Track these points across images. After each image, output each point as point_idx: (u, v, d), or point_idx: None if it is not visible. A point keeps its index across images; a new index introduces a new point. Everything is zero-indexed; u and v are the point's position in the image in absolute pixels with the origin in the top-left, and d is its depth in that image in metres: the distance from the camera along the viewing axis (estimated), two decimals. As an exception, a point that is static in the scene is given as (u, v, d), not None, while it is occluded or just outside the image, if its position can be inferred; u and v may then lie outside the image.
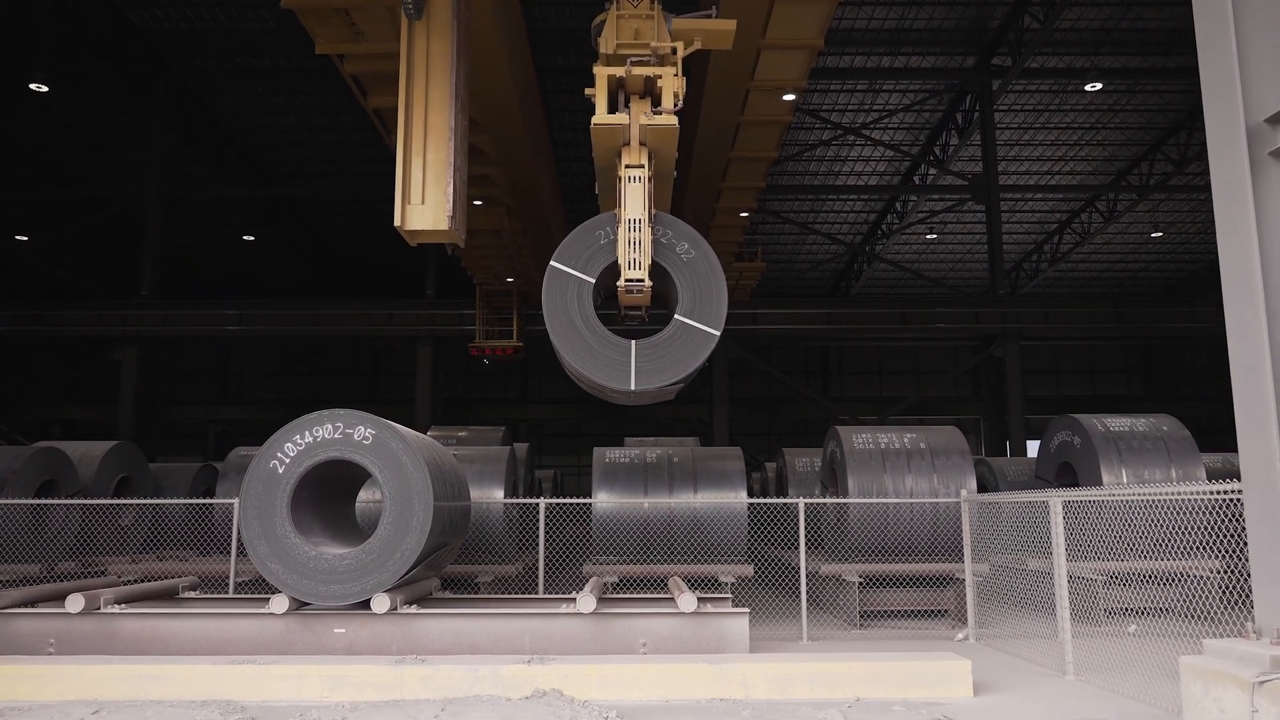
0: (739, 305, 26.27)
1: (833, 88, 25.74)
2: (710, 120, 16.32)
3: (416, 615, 8.39)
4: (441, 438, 15.48)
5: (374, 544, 8.27)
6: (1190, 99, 26.18)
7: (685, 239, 9.97)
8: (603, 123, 9.38)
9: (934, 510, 11.53)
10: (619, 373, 9.51)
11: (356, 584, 8.23)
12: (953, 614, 11.91)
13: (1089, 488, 9.38)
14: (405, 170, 9.21)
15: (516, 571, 11.92)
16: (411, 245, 9.85)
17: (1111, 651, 9.49)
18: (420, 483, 8.32)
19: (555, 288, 9.69)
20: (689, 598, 8.34)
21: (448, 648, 8.37)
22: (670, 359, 9.59)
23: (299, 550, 8.23)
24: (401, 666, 7.65)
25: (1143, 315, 26.37)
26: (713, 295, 9.76)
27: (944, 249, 34.93)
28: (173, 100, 24.76)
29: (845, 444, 11.95)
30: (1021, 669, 8.83)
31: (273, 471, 8.32)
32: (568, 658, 7.90)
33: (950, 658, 7.81)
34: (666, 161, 10.19)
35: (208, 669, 7.62)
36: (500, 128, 16.45)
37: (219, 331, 25.80)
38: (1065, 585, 8.51)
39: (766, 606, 12.77)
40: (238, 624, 8.41)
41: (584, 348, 9.52)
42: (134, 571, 12.53)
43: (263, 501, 8.28)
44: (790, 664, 7.64)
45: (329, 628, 8.37)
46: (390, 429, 8.41)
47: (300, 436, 8.35)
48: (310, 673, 7.63)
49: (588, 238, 9.89)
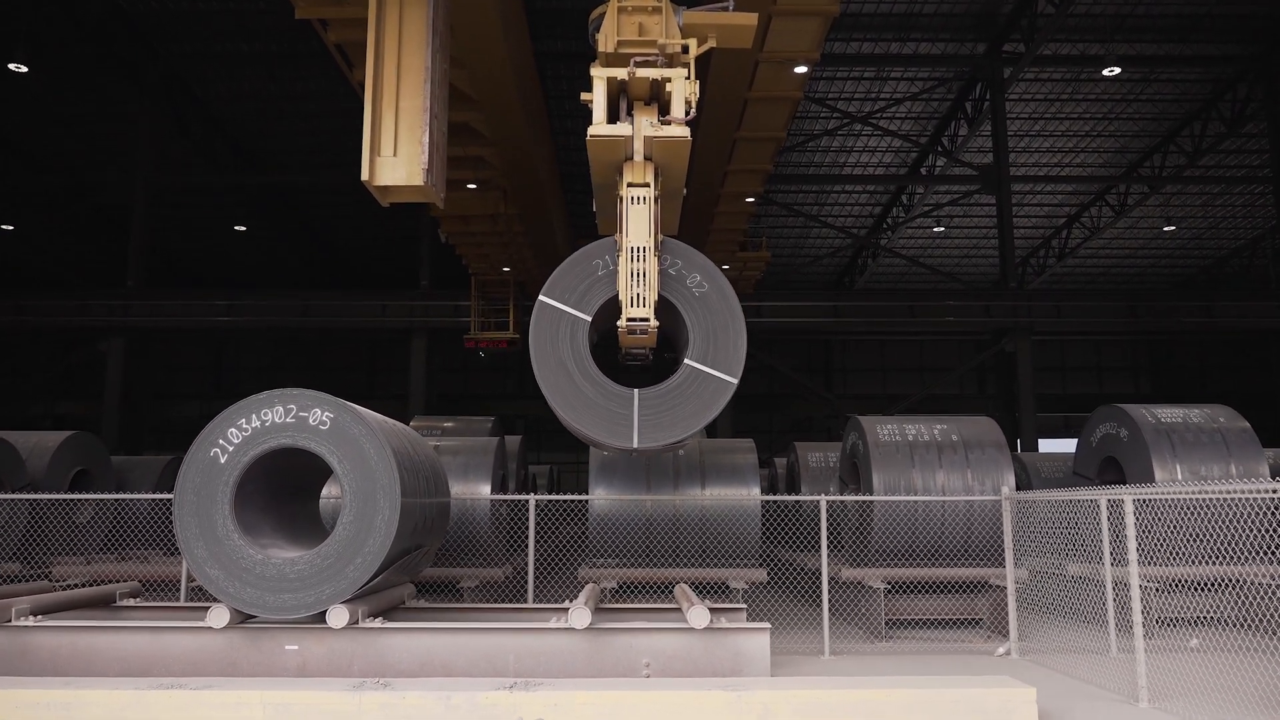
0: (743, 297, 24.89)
1: (839, 75, 24.45)
2: (715, 97, 14.94)
3: (381, 630, 7.02)
4: (425, 428, 14.11)
5: (331, 546, 6.89)
6: (1207, 88, 24.86)
7: (697, 270, 8.35)
8: (601, 134, 7.75)
9: (968, 509, 10.16)
10: (619, 428, 7.94)
11: (310, 593, 6.86)
12: (987, 624, 10.54)
13: (1145, 484, 8.08)
14: (374, 118, 7.83)
15: (504, 576, 10.53)
16: (384, 205, 8.47)
17: (1179, 671, 8.12)
18: (386, 475, 6.94)
19: (545, 326, 8.09)
20: (700, 610, 6.96)
21: (418, 668, 7.00)
22: (679, 412, 8.03)
23: (243, 554, 6.86)
24: (360, 693, 6.27)
25: (1158, 309, 25.05)
26: (729, 336, 8.17)
27: (950, 243, 33.60)
28: (160, 85, 23.43)
29: (869, 436, 10.57)
30: (1084, 694, 7.45)
31: (213, 461, 6.94)
32: (558, 682, 6.52)
33: (1009, 683, 6.43)
34: (676, 178, 8.53)
35: (128, 695, 6.24)
36: (496, 104, 15.11)
37: (207, 323, 24.43)
38: (1139, 596, 7.14)
39: (780, 615, 11.39)
40: (174, 640, 7.03)
41: (578, 397, 7.96)
42: (83, 574, 11.14)
43: (201, 496, 6.91)
44: (821, 691, 6.26)
45: (280, 644, 6.99)
46: (351, 412, 7.04)
47: (246, 420, 6.98)
48: (251, 699, 6.26)
49: (583, 268, 8.26)
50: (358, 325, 25.00)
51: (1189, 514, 9.97)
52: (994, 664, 8.73)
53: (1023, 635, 9.79)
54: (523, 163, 17.58)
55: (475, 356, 30.29)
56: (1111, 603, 9.04)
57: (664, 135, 7.75)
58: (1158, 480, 10.28)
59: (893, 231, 30.62)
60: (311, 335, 34.56)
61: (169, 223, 31.29)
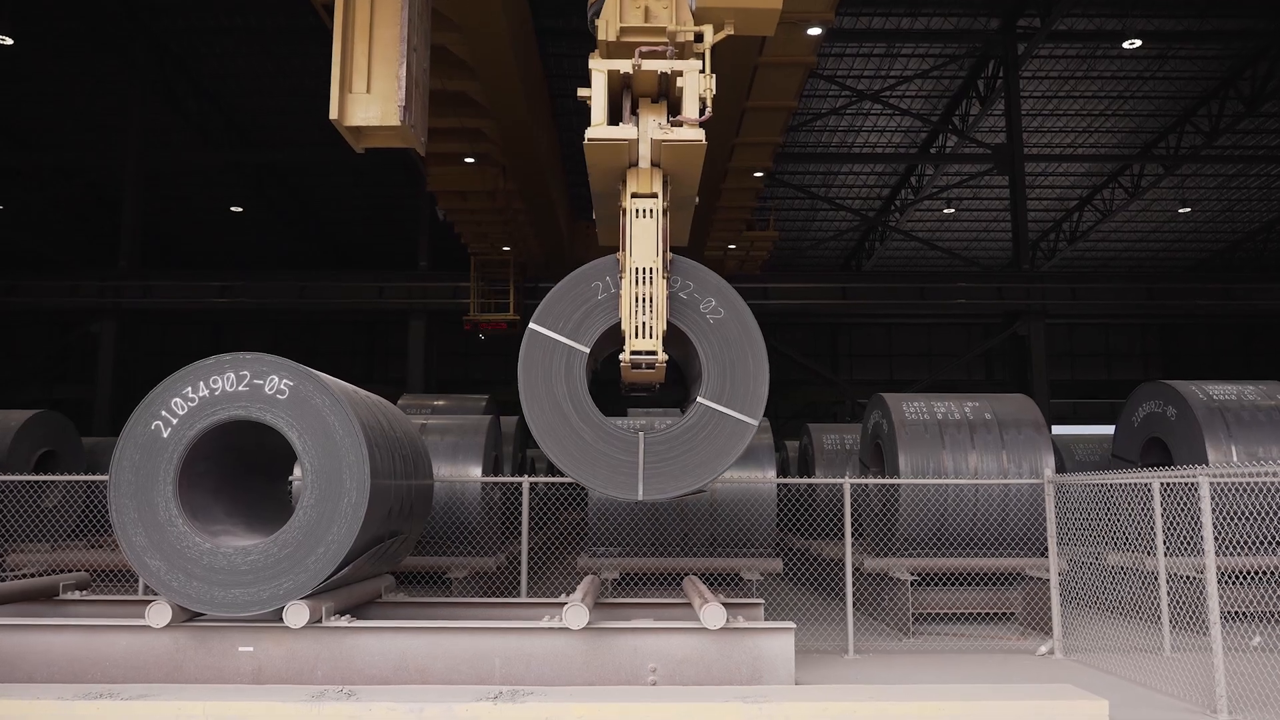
0: (749, 278, 23.92)
1: (849, 51, 23.33)
2: (723, 64, 13.87)
3: (348, 630, 6.01)
4: (414, 406, 13.08)
5: (289, 534, 5.88)
6: (1225, 65, 23.72)
7: (712, 293, 7.01)
8: (601, 137, 6.45)
9: (1004, 494, 9.13)
10: (621, 476, 6.67)
11: (265, 587, 5.85)
12: (1020, 619, 9.53)
13: (1198, 466, 7.06)
14: (344, 48, 6.77)
15: (497, 566, 9.51)
16: (358, 150, 7.44)
17: (1249, 674, 7.10)
18: (353, 452, 5.93)
19: (536, 359, 6.79)
20: (715, 609, 5.95)
21: (391, 673, 5.99)
22: (691, 458, 6.69)
23: (188, 541, 5.85)
24: (319, 704, 5.28)
25: (1175, 292, 23.97)
26: (749, 370, 6.85)
27: (959, 226, 32.49)
28: (152, 61, 22.34)
29: (894, 414, 9.52)
30: (1150, 703, 6.43)
31: (154, 436, 5.93)
32: (550, 691, 5.53)
33: (1072, 693, 5.43)
34: (688, 187, 7.21)
35: (50, 706, 5.26)
36: (493, 71, 14.05)
37: (202, 304, 23.40)
38: (1215, 593, 6.12)
39: (797, 609, 10.38)
40: (113, 640, 6.03)
41: (575, 442, 6.69)
42: (43, 563, 10.15)
43: (140, 476, 5.89)
44: (859, 704, 5.26)
45: (232, 646, 5.99)
46: (314, 380, 6.02)
47: (192, 389, 5.96)
48: (193, 711, 5.28)
49: (580, 291, 6.95)
50: (355, 307, 23.96)
51: (1248, 499, 8.93)
52: (1038, 665, 7.72)
53: (1063, 631, 8.78)
54: (522, 137, 16.55)
55: (475, 341, 29.27)
56: (1165, 596, 8.02)
57: (674, 139, 6.41)
58: (1211, 462, 9.23)
59: (901, 214, 29.54)
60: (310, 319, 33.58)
61: (165, 205, 30.24)
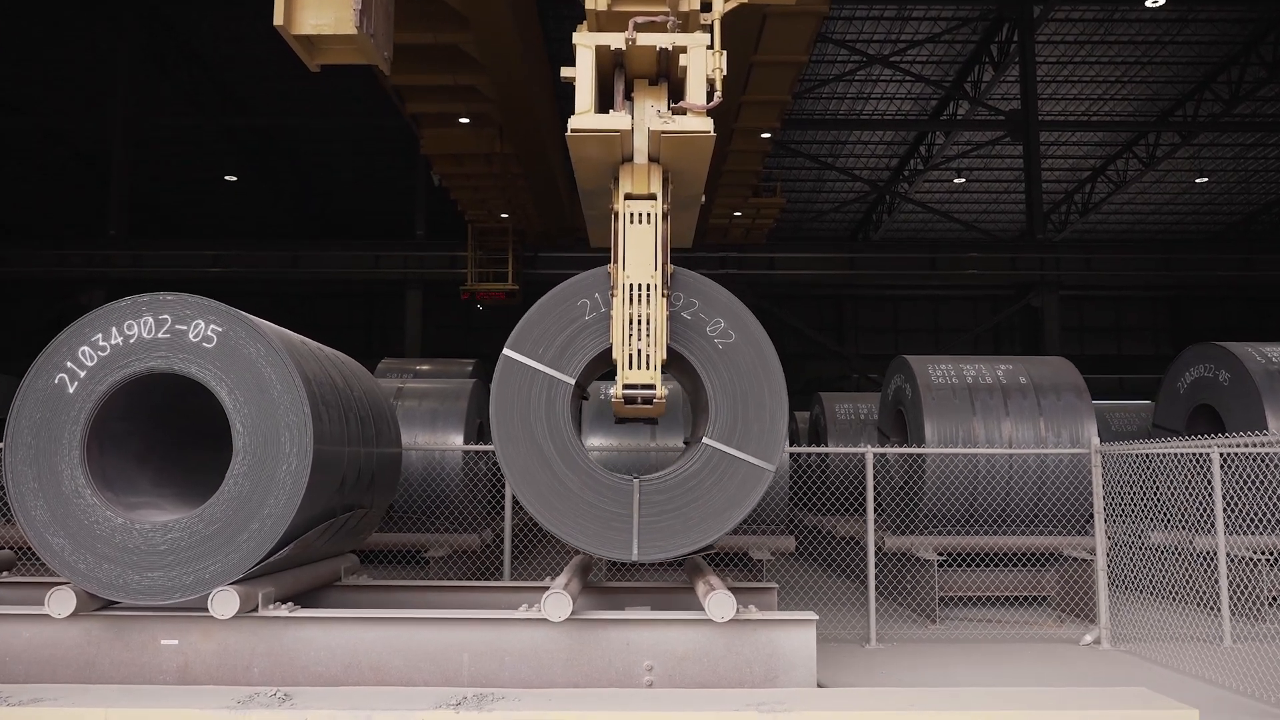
0: (755, 248, 22.84)
1: (858, 15, 22.11)
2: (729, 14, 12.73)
3: (290, 620, 5.00)
4: (395, 369, 12.05)
5: (216, 507, 4.86)
6: (1247, 29, 22.45)
7: (721, 313, 5.70)
8: (588, 128, 5.15)
9: (1040, 465, 8.09)
10: (611, 533, 5.35)
11: (188, 570, 4.84)
12: (1055, 603, 8.52)
13: (1267, 433, 6.08)
14: (292, -58, 5.73)
15: (480, 543, 8.51)
16: (312, 68, 6.39)
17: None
18: (294, 411, 4.89)
19: (511, 391, 5.50)
20: (723, 597, 4.92)
21: (340, 673, 4.99)
22: (695, 510, 5.38)
23: (97, 515, 4.83)
24: (246, 711, 4.28)
25: (1193, 263, 22.84)
26: (764, 403, 5.55)
27: (970, 197, 31.28)
28: (140, 23, 21.24)
29: (919, 377, 8.47)
30: (1228, 705, 5.41)
31: (58, 391, 4.90)
32: (524, 696, 4.52)
33: (1158, 704, 4.40)
34: (693, 185, 5.94)
35: (-81, 714, 4.28)
36: (487, 20, 12.93)
37: (193, 274, 22.42)
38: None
39: (810, 590, 9.37)
40: (14, 632, 5.03)
41: (556, 491, 5.40)
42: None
43: (41, 438, 4.87)
44: (903, 714, 4.24)
45: (154, 639, 4.99)
46: (247, 325, 4.97)
47: (103, 336, 4.92)
48: (91, 719, 4.29)
49: (564, 311, 5.66)
50: (350, 277, 22.98)
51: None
52: (1084, 658, 6.71)
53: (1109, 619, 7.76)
54: (518, 95, 15.44)
55: (474, 314, 28.25)
56: (1225, 580, 7.01)
57: (676, 130, 5.13)
58: (1272, 430, 8.19)
59: (910, 184, 28.37)
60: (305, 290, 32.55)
61: (157, 173, 29.11)
